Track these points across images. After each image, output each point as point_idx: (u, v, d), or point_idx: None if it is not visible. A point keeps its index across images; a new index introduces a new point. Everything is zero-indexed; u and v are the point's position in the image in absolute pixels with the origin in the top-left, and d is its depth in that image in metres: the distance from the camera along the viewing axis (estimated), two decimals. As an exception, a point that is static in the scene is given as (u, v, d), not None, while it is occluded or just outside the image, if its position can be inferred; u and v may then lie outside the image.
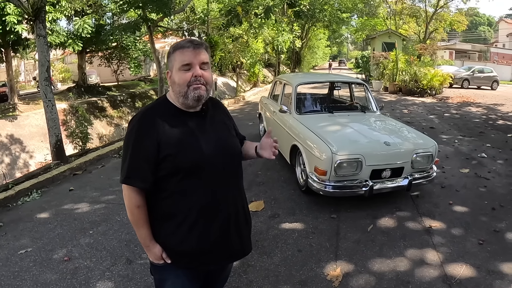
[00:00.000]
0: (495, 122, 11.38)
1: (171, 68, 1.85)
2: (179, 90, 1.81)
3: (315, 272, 3.47)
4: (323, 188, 4.55)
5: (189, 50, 1.79)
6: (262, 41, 21.02)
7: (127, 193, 1.80)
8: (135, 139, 1.77)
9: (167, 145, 1.75)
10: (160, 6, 10.45)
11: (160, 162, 1.76)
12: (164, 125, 1.78)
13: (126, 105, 20.07)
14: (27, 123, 14.31)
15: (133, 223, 1.84)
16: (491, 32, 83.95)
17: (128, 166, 1.77)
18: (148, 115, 1.83)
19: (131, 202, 1.80)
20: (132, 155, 1.76)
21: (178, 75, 1.81)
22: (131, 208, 1.81)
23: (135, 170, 1.76)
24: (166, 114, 1.83)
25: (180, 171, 1.77)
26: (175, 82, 1.82)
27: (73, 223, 4.59)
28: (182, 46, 1.81)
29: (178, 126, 1.81)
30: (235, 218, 1.95)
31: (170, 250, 1.85)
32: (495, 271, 3.47)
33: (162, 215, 1.84)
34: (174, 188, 1.80)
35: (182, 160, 1.76)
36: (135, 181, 1.77)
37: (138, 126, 1.79)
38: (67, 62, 30.85)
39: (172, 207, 1.82)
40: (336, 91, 7.64)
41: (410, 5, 36.79)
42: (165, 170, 1.77)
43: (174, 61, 1.82)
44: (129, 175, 1.76)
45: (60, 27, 16.62)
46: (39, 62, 7.12)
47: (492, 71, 26.71)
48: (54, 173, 6.38)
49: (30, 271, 3.56)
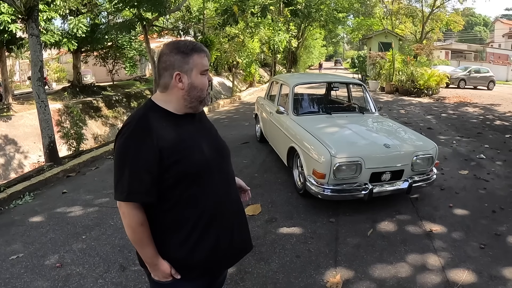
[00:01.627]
0: (493, 122, 11.35)
1: (186, 71, 1.72)
2: (198, 95, 1.76)
3: (314, 279, 3.39)
4: (322, 191, 4.47)
5: (205, 54, 1.76)
6: (258, 40, 20.95)
7: (128, 211, 1.65)
8: (134, 151, 1.62)
9: (170, 151, 1.64)
10: (156, 5, 10.36)
11: (164, 171, 1.64)
12: (161, 131, 1.66)
13: (122, 105, 19.90)
14: (21, 123, 14.15)
15: (136, 243, 1.70)
16: (487, 32, 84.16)
17: (129, 180, 1.61)
18: (142, 122, 1.68)
19: (133, 220, 1.65)
20: (132, 168, 1.62)
21: (199, 79, 1.75)
22: (134, 226, 1.66)
23: (137, 183, 1.62)
24: (161, 119, 1.71)
25: (186, 177, 1.68)
26: (196, 87, 1.74)
27: (66, 227, 4.48)
28: (200, 50, 1.75)
29: (176, 130, 1.71)
30: (238, 218, 1.93)
31: (179, 264, 1.74)
32: (497, 276, 3.41)
33: (167, 228, 1.72)
34: (179, 196, 1.70)
35: (189, 165, 1.68)
36: (139, 195, 1.63)
37: (134, 135, 1.65)
38: (62, 61, 30.60)
39: (179, 217, 1.72)
40: (334, 91, 7.57)
41: (407, 5, 36.78)
42: (171, 178, 1.66)
43: (193, 64, 1.72)
44: (131, 190, 1.61)
45: (54, 26, 16.46)
46: (32, 61, 6.99)
47: (488, 71, 26.75)
48: (47, 175, 6.27)
49: (21, 278, 3.46)
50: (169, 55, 1.71)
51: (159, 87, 1.77)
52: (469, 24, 74.43)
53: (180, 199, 1.70)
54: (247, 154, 7.37)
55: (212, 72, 25.08)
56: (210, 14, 16.44)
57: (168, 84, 1.73)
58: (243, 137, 8.79)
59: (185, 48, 1.72)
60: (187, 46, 1.73)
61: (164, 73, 1.73)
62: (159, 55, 1.76)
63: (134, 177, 1.61)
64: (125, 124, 1.71)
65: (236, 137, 8.91)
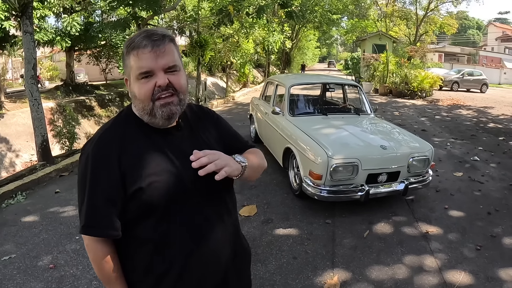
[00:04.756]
0: (486, 125, 11.41)
1: (128, 74, 1.37)
2: (143, 107, 1.35)
3: (311, 280, 3.37)
4: (318, 192, 4.45)
5: (146, 51, 1.30)
6: (252, 41, 20.92)
7: (90, 245, 1.36)
8: (91, 174, 1.31)
9: (135, 177, 1.31)
10: (151, 4, 10.28)
11: (127, 200, 1.32)
12: (128, 149, 1.34)
13: (115, 104, 19.78)
14: (13, 122, 14.02)
15: (103, 281, 1.41)
16: (480, 36, 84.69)
17: (87, 210, 1.31)
18: (104, 138, 1.36)
19: (96, 255, 1.36)
20: (90, 196, 1.31)
21: (137, 86, 1.34)
22: (98, 262, 1.36)
23: (95, 215, 1.31)
24: (131, 133, 1.38)
25: (153, 210, 1.34)
26: (135, 96, 1.36)
27: (59, 227, 4.42)
28: (137, 46, 1.31)
29: (148, 149, 1.37)
30: (232, 258, 1.53)
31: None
32: (494, 278, 3.42)
33: (138, 269, 1.40)
34: (147, 234, 1.37)
35: (156, 195, 1.32)
36: (98, 230, 1.32)
37: (94, 155, 1.33)
38: (55, 60, 30.36)
39: (147, 260, 1.38)
40: (329, 92, 7.56)
41: (401, 8, 36.95)
42: (134, 211, 1.34)
43: (129, 67, 1.34)
44: (89, 223, 1.31)
45: (48, 24, 16.35)
46: (25, 59, 6.91)
47: (481, 74, 26.97)
48: (39, 175, 6.19)
49: (13, 279, 3.40)
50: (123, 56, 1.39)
51: None
52: (463, 27, 74.93)
53: (148, 238, 1.37)
54: (242, 154, 7.33)
55: (206, 72, 25.01)
56: (205, 14, 16.36)
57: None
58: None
59: (127, 45, 1.34)
60: (128, 42, 1.34)
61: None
62: None
63: (92, 207, 1.31)
64: (89, 139, 1.41)
65: (230, 137, 8.86)
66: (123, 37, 18.78)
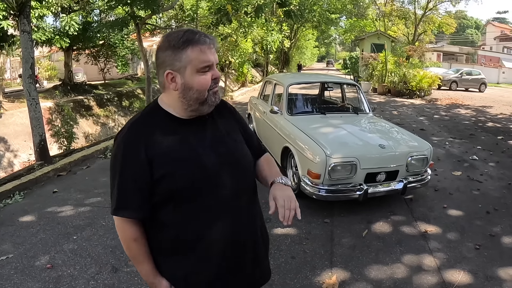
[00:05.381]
0: (485, 124, 11.41)
1: (179, 69, 1.45)
2: (197, 97, 1.48)
3: (310, 280, 3.35)
4: (317, 192, 4.43)
5: (206, 46, 1.45)
6: (251, 40, 20.91)
7: (120, 225, 1.50)
8: (122, 160, 1.44)
9: (162, 163, 1.43)
10: (149, 3, 10.24)
11: (154, 185, 1.44)
12: (156, 138, 1.45)
13: (113, 104, 19.78)
14: (12, 121, 14.02)
15: (132, 259, 1.56)
16: (479, 35, 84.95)
17: (117, 193, 1.45)
18: (135, 128, 1.49)
19: (125, 235, 1.50)
20: (120, 180, 1.44)
21: (196, 78, 1.46)
22: (127, 242, 1.51)
23: (125, 198, 1.45)
24: (159, 124, 1.50)
25: (179, 194, 1.45)
26: (192, 88, 1.46)
27: (57, 227, 4.40)
28: (198, 41, 1.44)
29: (174, 138, 1.48)
30: (252, 243, 1.63)
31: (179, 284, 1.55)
32: (493, 277, 3.40)
33: (164, 248, 1.54)
34: (173, 217, 1.49)
35: (182, 180, 1.44)
36: (127, 211, 1.46)
37: (125, 143, 1.46)
38: (54, 59, 30.35)
39: (174, 238, 1.51)
40: (328, 92, 7.54)
41: (399, 7, 36.97)
42: (161, 194, 1.45)
43: (186, 60, 1.43)
44: (119, 205, 1.45)
45: (46, 24, 16.33)
46: (23, 58, 6.89)
47: (480, 74, 27.00)
48: (37, 174, 6.17)
49: (11, 279, 3.38)
50: (161, 50, 1.47)
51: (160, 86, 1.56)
52: (461, 27, 75.08)
53: (175, 220, 1.49)
54: (241, 154, 7.31)
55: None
56: (203, 13, 16.36)
57: (163, 83, 1.51)
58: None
59: (176, 41, 1.43)
60: (179, 38, 1.43)
61: (159, 71, 1.49)
62: (156, 49, 1.52)
63: (122, 191, 1.45)
64: (121, 129, 1.54)
65: (229, 137, 8.85)
66: (121, 36, 18.77)
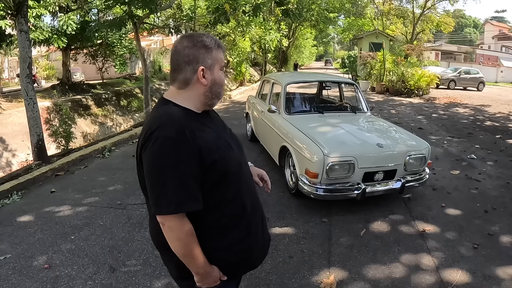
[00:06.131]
0: (483, 123, 11.42)
1: (210, 66, 1.63)
2: (219, 92, 1.70)
3: (308, 280, 3.35)
4: (314, 191, 4.43)
5: (224, 50, 1.72)
6: (249, 39, 20.89)
7: (177, 223, 1.49)
8: (173, 155, 1.47)
9: (209, 150, 1.54)
10: (147, 3, 10.22)
11: (205, 172, 1.53)
12: (195, 130, 1.54)
13: (111, 103, 19.72)
14: (9, 121, 13.97)
15: (188, 256, 1.56)
16: (477, 34, 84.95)
17: (175, 190, 1.46)
18: (175, 122, 1.53)
19: (183, 231, 1.51)
20: (176, 175, 1.46)
21: (220, 75, 1.69)
22: (186, 238, 1.52)
23: (184, 191, 1.47)
24: (188, 119, 1.59)
25: (226, 176, 1.61)
26: (218, 83, 1.68)
27: (54, 227, 4.39)
28: (221, 45, 1.68)
29: (206, 128, 1.62)
30: (262, 209, 1.92)
31: (225, 264, 1.67)
32: (491, 276, 3.41)
33: (210, 231, 1.62)
34: (221, 197, 1.62)
35: (227, 163, 1.61)
36: (189, 204, 1.49)
37: (170, 138, 1.48)
38: (52, 59, 30.27)
39: (221, 218, 1.64)
40: (326, 91, 7.53)
41: (398, 6, 36.95)
42: (211, 179, 1.56)
43: (215, 59, 1.65)
44: (180, 200, 1.46)
45: (44, 23, 16.27)
46: (20, 58, 6.87)
47: (478, 73, 27.03)
48: (35, 174, 6.15)
49: (8, 280, 3.37)
50: (193, 49, 1.60)
51: (177, 83, 1.65)
52: (459, 26, 75.09)
53: (222, 199, 1.62)
54: (239, 153, 7.30)
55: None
56: (201, 12, 16.34)
57: (189, 79, 1.62)
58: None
59: (209, 42, 1.63)
60: (211, 40, 1.65)
61: (186, 68, 1.61)
62: (178, 48, 1.63)
63: (180, 184, 1.47)
64: (152, 129, 1.53)
65: (227, 136, 8.84)
66: (119, 36, 18.73)
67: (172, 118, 1.55)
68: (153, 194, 1.50)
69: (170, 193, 1.46)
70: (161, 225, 1.52)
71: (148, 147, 1.50)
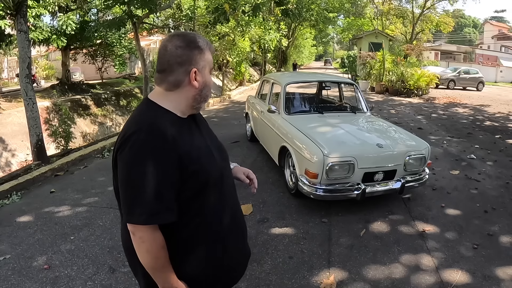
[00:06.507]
0: (483, 123, 11.43)
1: (201, 68, 1.55)
2: (207, 95, 1.62)
3: (307, 280, 3.35)
4: (314, 191, 4.42)
5: (212, 52, 1.63)
6: (248, 39, 20.88)
7: (149, 234, 1.40)
8: (150, 162, 1.37)
9: (190, 159, 1.45)
10: (146, 2, 10.22)
11: (183, 182, 1.44)
12: (177, 136, 1.45)
13: (111, 103, 19.72)
14: (9, 121, 13.97)
15: (157, 269, 1.46)
16: (476, 34, 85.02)
17: (149, 199, 1.36)
18: (154, 127, 1.43)
19: (155, 244, 1.41)
20: (152, 184, 1.36)
21: (210, 77, 1.62)
22: (155, 251, 1.42)
23: (159, 201, 1.37)
24: (171, 122, 1.49)
25: (206, 187, 1.52)
26: (208, 85, 1.60)
27: (54, 227, 4.38)
28: (211, 47, 1.60)
29: (188, 134, 1.53)
30: (244, 222, 1.86)
31: (198, 282, 1.58)
32: (491, 276, 3.41)
33: (184, 244, 1.53)
34: (199, 209, 1.53)
35: (209, 173, 1.52)
36: (163, 215, 1.39)
37: (148, 144, 1.39)
38: (51, 59, 30.22)
39: (198, 231, 1.54)
40: (326, 91, 7.53)
41: (397, 6, 36.93)
42: (190, 190, 1.47)
43: (206, 61, 1.57)
44: (154, 211, 1.36)
45: (43, 23, 16.27)
46: (19, 58, 6.87)
47: (477, 72, 27.03)
48: (34, 174, 6.15)
49: (8, 280, 3.36)
50: (186, 49, 1.50)
51: (165, 84, 1.54)
52: (459, 26, 75.07)
53: (198, 211, 1.53)
54: (238, 153, 7.31)
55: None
56: (201, 12, 16.32)
57: (181, 81, 1.52)
58: (233, 136, 8.73)
59: (202, 43, 1.55)
60: (203, 41, 1.57)
61: (178, 69, 1.51)
62: (170, 47, 1.51)
63: (155, 194, 1.36)
64: (129, 132, 1.43)
65: (226, 136, 8.84)
66: (119, 35, 18.72)
67: (153, 121, 1.45)
68: (125, 201, 1.41)
69: (144, 202, 1.36)
70: (131, 234, 1.43)
71: (125, 151, 1.41)
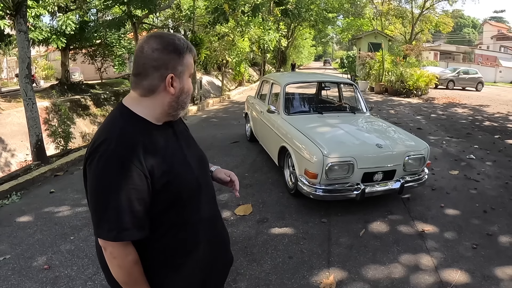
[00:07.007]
0: (482, 123, 11.44)
1: (178, 73, 1.43)
2: (185, 102, 1.50)
3: (307, 280, 3.35)
4: (314, 191, 4.43)
5: (194, 54, 1.51)
6: (248, 39, 20.88)
7: (120, 251, 1.32)
8: (118, 175, 1.28)
9: (162, 171, 1.36)
10: (146, 3, 10.24)
11: (155, 195, 1.35)
12: (148, 146, 1.36)
13: (110, 103, 19.70)
14: (8, 121, 13.95)
15: (129, 285, 1.39)
16: (476, 34, 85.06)
17: (117, 214, 1.28)
18: (124, 137, 1.34)
19: (127, 259, 1.33)
20: (119, 198, 1.27)
21: (188, 83, 1.49)
22: (129, 267, 1.34)
23: (128, 217, 1.29)
24: (143, 131, 1.39)
25: (180, 199, 1.43)
26: (186, 92, 1.48)
27: (54, 228, 4.39)
28: (192, 49, 1.47)
29: (162, 143, 1.43)
30: (225, 231, 1.76)
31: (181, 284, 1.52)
32: (490, 276, 3.41)
33: (159, 259, 1.45)
34: (173, 221, 1.44)
35: (182, 185, 1.43)
36: (132, 232, 1.30)
37: (116, 156, 1.30)
38: (51, 59, 30.24)
39: (173, 244, 1.46)
40: (325, 91, 7.54)
41: (397, 6, 36.96)
42: (163, 203, 1.39)
43: (186, 66, 1.45)
44: (122, 227, 1.28)
45: (43, 23, 16.26)
46: (19, 58, 6.87)
47: (477, 73, 27.06)
48: (34, 175, 6.15)
49: (8, 280, 3.36)
50: (163, 52, 1.38)
51: (140, 89, 1.43)
52: (458, 26, 75.13)
53: (173, 224, 1.44)
54: (237, 153, 7.31)
55: (201, 70, 24.99)
56: (200, 12, 16.34)
57: (156, 87, 1.41)
58: (233, 136, 8.73)
59: (181, 46, 1.42)
60: (182, 43, 1.43)
61: (153, 74, 1.39)
62: (146, 49, 1.40)
63: (124, 209, 1.28)
64: (99, 141, 1.34)
65: (226, 136, 8.85)
66: (118, 36, 18.72)
67: (124, 130, 1.36)
68: (94, 215, 1.32)
69: (112, 218, 1.28)
70: (102, 248, 1.35)
71: (93, 162, 1.31)
